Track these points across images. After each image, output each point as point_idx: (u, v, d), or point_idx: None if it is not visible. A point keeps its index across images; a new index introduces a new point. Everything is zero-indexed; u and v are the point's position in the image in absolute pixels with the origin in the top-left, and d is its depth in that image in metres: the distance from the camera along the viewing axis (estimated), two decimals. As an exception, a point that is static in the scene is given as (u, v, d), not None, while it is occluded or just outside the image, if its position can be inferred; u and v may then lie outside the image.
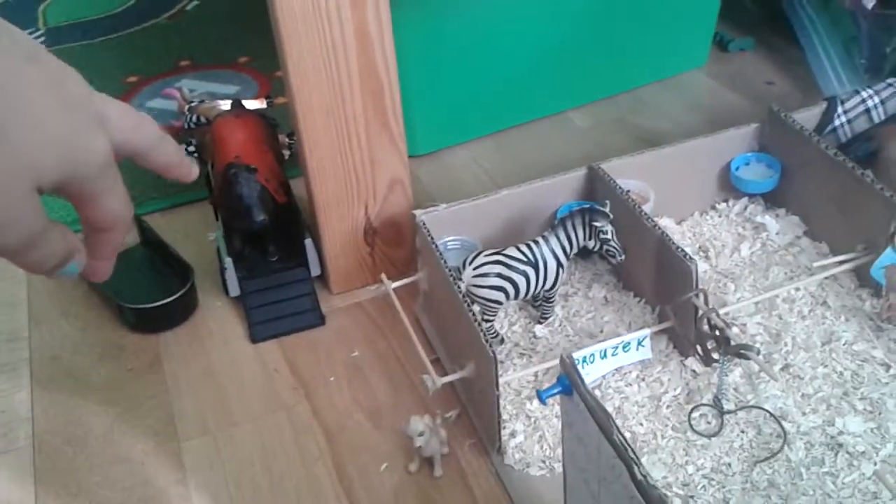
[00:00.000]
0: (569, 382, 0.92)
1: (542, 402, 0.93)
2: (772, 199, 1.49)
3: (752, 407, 1.17)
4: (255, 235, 1.39)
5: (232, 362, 1.36)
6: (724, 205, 1.51)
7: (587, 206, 1.29)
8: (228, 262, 1.40)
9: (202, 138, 1.64)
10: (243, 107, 1.49)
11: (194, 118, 1.77)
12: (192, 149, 1.72)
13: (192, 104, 1.81)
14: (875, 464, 1.09)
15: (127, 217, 0.56)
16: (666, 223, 1.49)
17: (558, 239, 1.28)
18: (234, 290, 1.42)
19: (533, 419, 1.20)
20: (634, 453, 0.81)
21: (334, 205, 1.37)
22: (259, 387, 1.31)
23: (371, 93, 1.28)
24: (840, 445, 1.11)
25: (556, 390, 0.93)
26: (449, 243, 1.38)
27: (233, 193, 1.29)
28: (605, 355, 1.23)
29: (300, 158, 1.35)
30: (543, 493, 1.10)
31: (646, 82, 1.97)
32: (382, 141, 1.34)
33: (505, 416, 1.20)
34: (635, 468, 0.81)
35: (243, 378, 1.33)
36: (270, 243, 1.42)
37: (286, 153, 1.63)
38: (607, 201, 1.29)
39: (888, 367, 1.21)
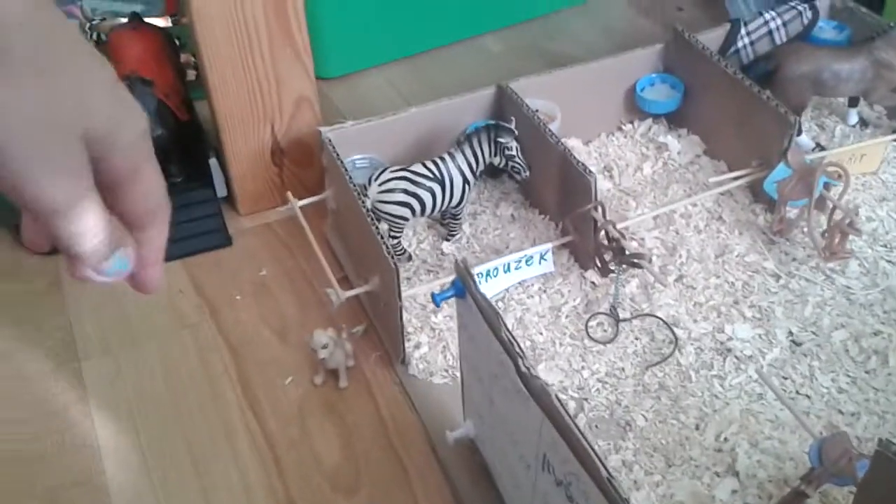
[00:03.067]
0: (462, 286, 0.94)
1: (437, 304, 0.95)
2: (675, 120, 1.52)
3: (646, 315, 1.21)
4: (156, 154, 1.36)
5: (135, 283, 1.33)
6: (629, 126, 1.54)
7: (493, 123, 1.30)
8: (129, 181, 1.36)
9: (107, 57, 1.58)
10: (142, 20, 1.43)
11: (95, 36, 1.70)
12: (94, 70, 1.65)
13: (94, 22, 1.74)
14: (762, 367, 1.14)
15: (167, 206, 0.52)
16: (574, 144, 1.51)
17: (464, 155, 1.28)
18: (137, 210, 1.38)
19: (437, 331, 1.22)
20: (520, 348, 0.83)
21: (238, 123, 1.34)
22: (162, 307, 1.30)
23: (273, 3, 1.25)
24: (728, 350, 1.16)
25: (449, 293, 0.95)
26: (357, 161, 1.38)
27: (129, 107, 1.25)
28: (508, 269, 1.26)
29: (201, 74, 1.31)
30: (445, 399, 1.13)
31: (560, 7, 1.97)
32: (287, 56, 1.31)
33: (410, 329, 1.22)
34: (520, 361, 0.83)
35: (146, 298, 1.30)
36: (173, 163, 1.39)
37: (192, 73, 1.58)
38: (513, 118, 1.30)
39: (778, 278, 1.26)
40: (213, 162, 1.39)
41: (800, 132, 1.44)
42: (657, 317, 1.21)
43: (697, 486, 0.99)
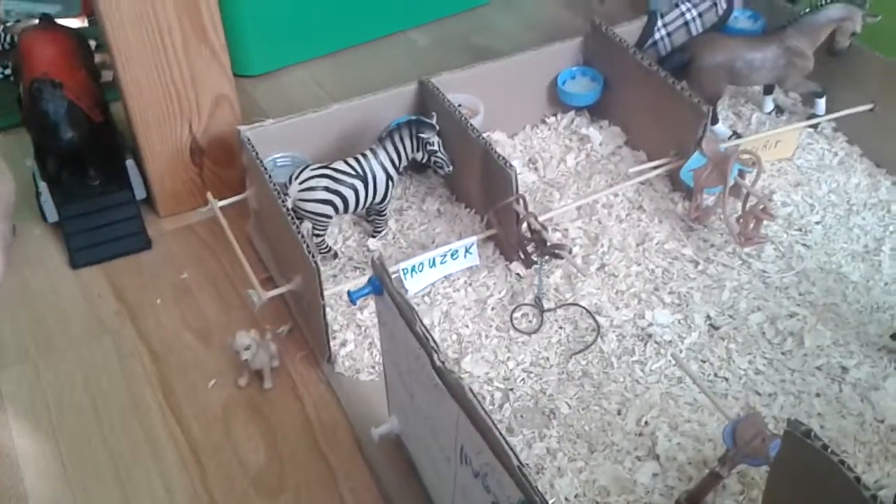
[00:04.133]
0: (379, 283, 0.94)
1: (353, 302, 0.95)
2: (596, 112, 1.54)
3: (570, 304, 1.23)
4: (70, 157, 1.32)
5: (52, 289, 1.30)
6: (553, 118, 1.55)
7: (415, 119, 1.30)
8: (43, 186, 1.33)
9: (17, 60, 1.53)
10: (53, 22, 1.39)
11: (9, 38, 1.66)
12: (7, 72, 1.61)
13: (8, 24, 1.69)
14: (680, 351, 1.17)
15: None
16: (498, 137, 1.52)
17: (386, 152, 1.28)
18: (52, 215, 1.35)
19: (363, 328, 1.21)
20: (435, 342, 0.83)
21: (154, 123, 1.31)
22: (81, 312, 1.26)
23: (185, 2, 1.23)
24: (649, 336, 1.18)
25: (366, 291, 0.94)
26: (279, 160, 1.36)
27: (38, 110, 1.22)
28: (433, 264, 1.26)
29: (114, 74, 1.28)
30: (371, 396, 1.12)
31: (486, 2, 1.98)
32: (202, 54, 1.29)
33: (336, 327, 1.21)
34: (434, 356, 0.83)
35: (64, 304, 1.28)
36: (89, 166, 1.36)
37: (109, 74, 1.55)
38: (434, 113, 1.30)
39: (696, 264, 1.29)
40: (129, 163, 1.36)
41: (716, 121, 1.47)
42: (580, 306, 1.22)
43: (619, 471, 1.01)
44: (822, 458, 0.82)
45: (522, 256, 1.24)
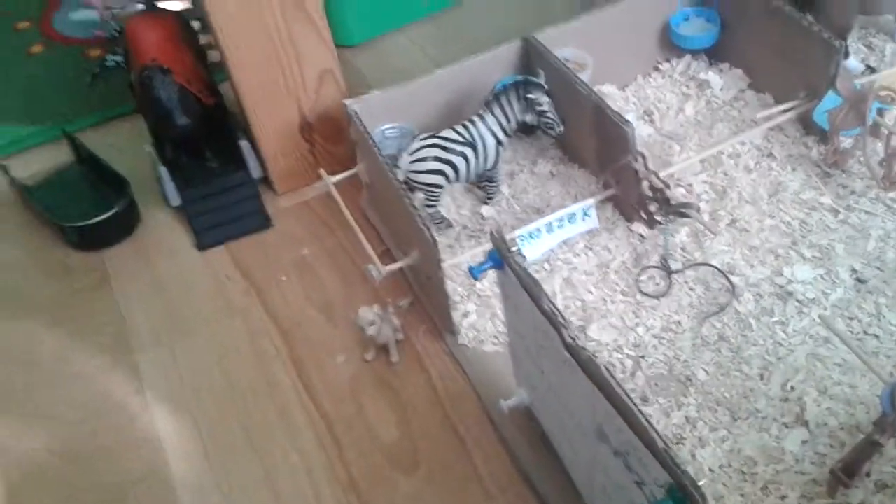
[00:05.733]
0: (499, 257, 0.91)
1: (475, 278, 0.92)
2: (714, 55, 1.45)
3: (700, 264, 1.17)
4: (186, 141, 1.35)
5: (180, 273, 1.34)
6: (667, 65, 1.47)
7: (521, 79, 1.25)
8: (163, 171, 1.36)
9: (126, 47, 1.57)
10: (155, 6, 1.41)
11: (117, 26, 1.70)
12: (119, 58, 1.65)
13: (114, 10, 1.73)
14: (825, 309, 1.09)
15: None
16: (609, 90, 1.45)
17: (494, 116, 1.24)
18: (175, 199, 1.38)
19: (484, 298, 1.19)
20: (564, 318, 0.80)
21: (263, 102, 1.32)
22: (210, 294, 1.30)
23: (284, -23, 1.22)
24: (789, 294, 1.11)
25: (487, 266, 0.92)
26: (387, 131, 1.35)
27: (150, 98, 1.24)
28: (551, 229, 1.22)
29: (220, 55, 1.29)
30: (497, 366, 1.11)
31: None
32: (303, 28, 1.28)
33: (456, 298, 1.20)
34: (564, 332, 0.80)
35: (193, 287, 1.31)
36: (206, 149, 1.38)
37: (215, 55, 1.56)
38: (541, 72, 1.25)
39: (836, 213, 1.20)
40: (244, 143, 1.37)
41: (847, 56, 1.36)
42: (711, 265, 1.16)
43: (766, 439, 0.96)
44: None
45: (645, 217, 1.19)
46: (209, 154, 1.40)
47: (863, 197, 1.21)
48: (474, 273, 0.91)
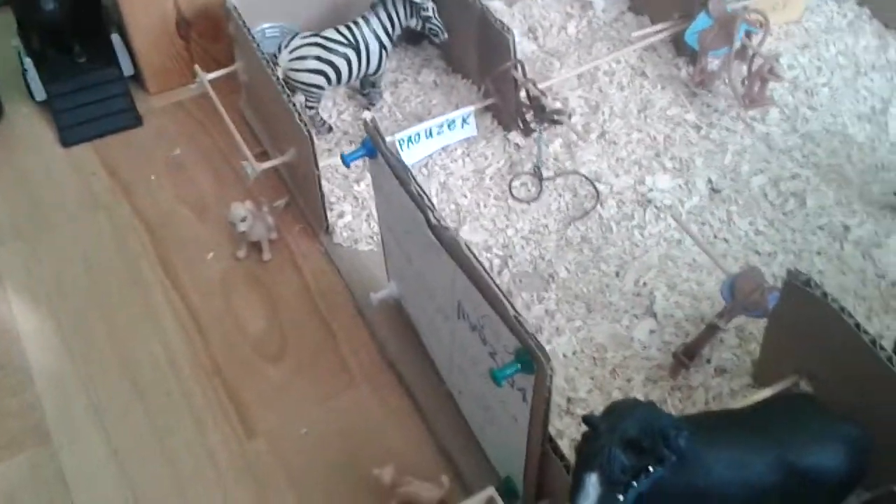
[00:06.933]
0: (372, 145, 0.92)
1: (346, 164, 0.93)
2: (598, -24, 1.48)
3: (569, 172, 1.21)
4: (53, 31, 1.28)
5: (45, 168, 1.28)
6: (553, -16, 1.50)
7: (407, -17, 1.25)
8: (28, 62, 1.29)
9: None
10: None
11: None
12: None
13: None
14: (681, 214, 1.15)
15: None
16: (496, 6, 1.46)
17: (379, 19, 1.23)
18: (40, 93, 1.32)
19: (360, 199, 1.20)
20: (430, 201, 0.82)
21: (137, -8, 1.27)
22: (75, 190, 1.25)
23: None
24: (649, 201, 1.17)
25: (359, 153, 0.92)
26: (267, 30, 1.32)
27: (14, -22, 1.17)
28: (430, 134, 1.23)
29: (91, -61, 1.23)
30: (370, 264, 1.12)
31: None
32: (182, -83, 1.23)
33: (333, 199, 1.20)
34: (430, 213, 0.82)
35: (58, 182, 1.26)
36: (75, 42, 1.32)
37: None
38: (427, -23, 1.25)
39: (699, 129, 1.26)
40: (115, 38, 1.32)
41: (722, -19, 1.41)
42: (580, 173, 1.20)
43: (617, 329, 1.02)
44: (822, 306, 0.82)
45: (521, 125, 1.21)
46: (78, 48, 1.33)
47: (724, 115, 1.27)
48: (346, 159, 0.91)
